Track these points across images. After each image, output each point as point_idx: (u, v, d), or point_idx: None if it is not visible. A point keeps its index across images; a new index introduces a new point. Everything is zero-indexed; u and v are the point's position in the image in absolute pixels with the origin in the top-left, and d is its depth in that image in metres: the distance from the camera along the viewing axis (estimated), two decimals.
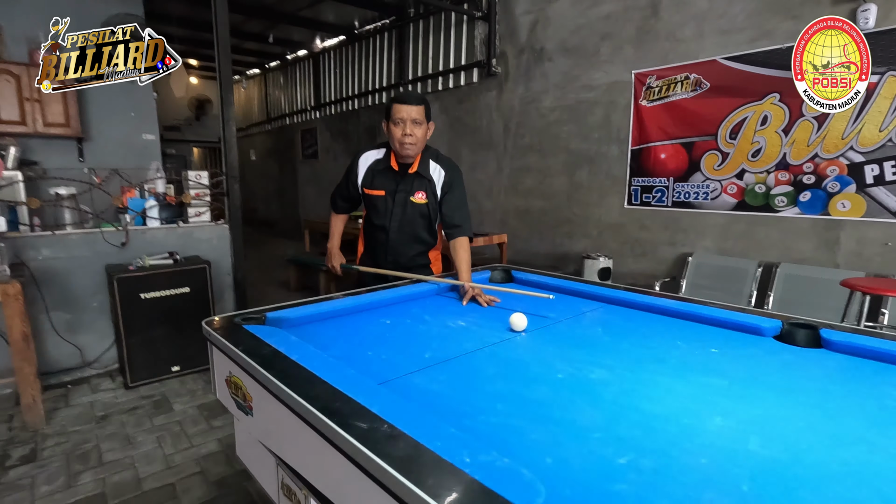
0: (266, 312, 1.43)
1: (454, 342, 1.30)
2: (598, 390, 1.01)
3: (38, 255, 2.87)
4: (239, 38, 7.58)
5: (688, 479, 0.71)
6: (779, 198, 3.13)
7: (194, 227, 3.43)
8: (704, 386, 1.03)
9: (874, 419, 0.89)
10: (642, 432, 0.84)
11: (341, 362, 1.05)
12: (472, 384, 1.04)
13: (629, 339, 1.34)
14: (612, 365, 1.14)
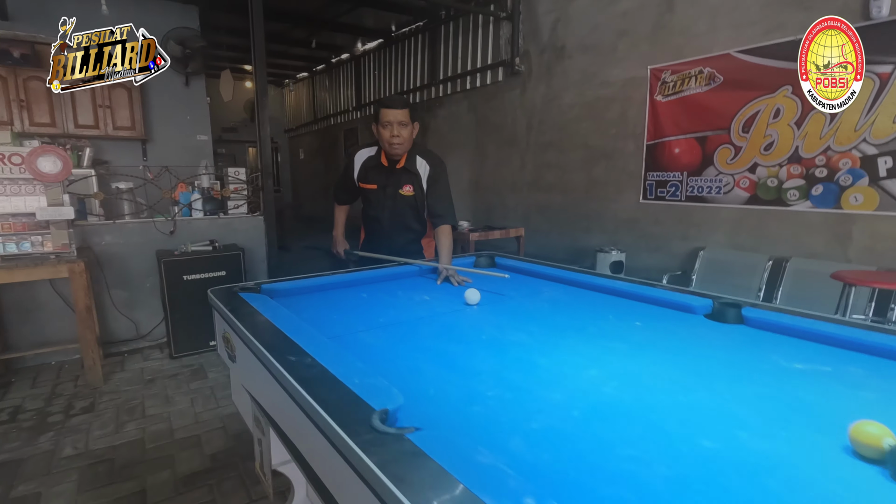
0: (262, 284, 1.69)
1: (410, 311, 1.51)
2: (508, 348, 1.18)
3: (102, 241, 3.33)
4: (286, 45, 8.07)
5: (532, 406, 0.89)
6: (791, 191, 3.09)
7: (233, 218, 3.82)
8: (605, 348, 1.18)
9: (734, 376, 1.02)
10: (521, 377, 1.02)
11: (305, 322, 1.28)
12: (404, 340, 1.24)
13: (567, 313, 1.50)
14: (534, 331, 1.30)
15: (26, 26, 4.74)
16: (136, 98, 5.08)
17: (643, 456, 0.72)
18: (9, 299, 3.08)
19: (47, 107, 4.72)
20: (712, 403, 0.90)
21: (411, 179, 2.19)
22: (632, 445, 0.75)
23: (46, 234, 2.80)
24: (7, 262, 2.67)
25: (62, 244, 2.82)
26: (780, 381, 0.99)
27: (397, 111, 2.05)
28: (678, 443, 0.76)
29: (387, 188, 2.21)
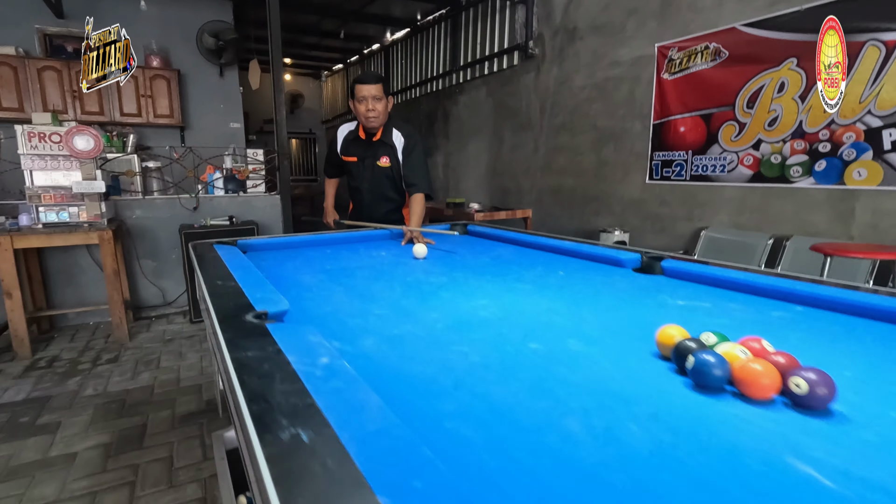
0: (238, 240, 1.88)
1: (359, 262, 1.65)
2: (420, 286, 1.30)
3: (133, 215, 3.67)
4: (319, 37, 8.38)
5: (405, 320, 1.01)
6: (794, 168, 3.00)
7: (252, 197, 4.10)
8: (510, 288, 1.27)
9: (608, 305, 1.10)
10: (414, 303, 1.13)
11: (256, 269, 1.44)
12: (337, 280, 1.39)
13: (502, 266, 1.59)
14: (457, 277, 1.41)
15: (79, 23, 5.21)
16: (175, 88, 5.47)
17: (468, 350, 0.83)
18: (53, 264, 3.47)
19: (97, 97, 5.18)
20: (564, 322, 0.99)
21: (387, 151, 2.32)
22: (465, 344, 0.86)
23: (81, 206, 3.14)
24: (48, 229, 3.02)
25: (94, 214, 3.15)
26: (647, 312, 1.06)
27: (371, 86, 2.19)
28: (506, 344, 0.87)
29: (365, 160, 2.36)
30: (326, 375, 0.63)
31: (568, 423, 0.59)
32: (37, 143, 2.99)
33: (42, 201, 3.05)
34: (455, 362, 0.78)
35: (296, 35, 8.18)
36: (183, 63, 5.59)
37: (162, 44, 5.49)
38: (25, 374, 2.74)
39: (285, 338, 0.77)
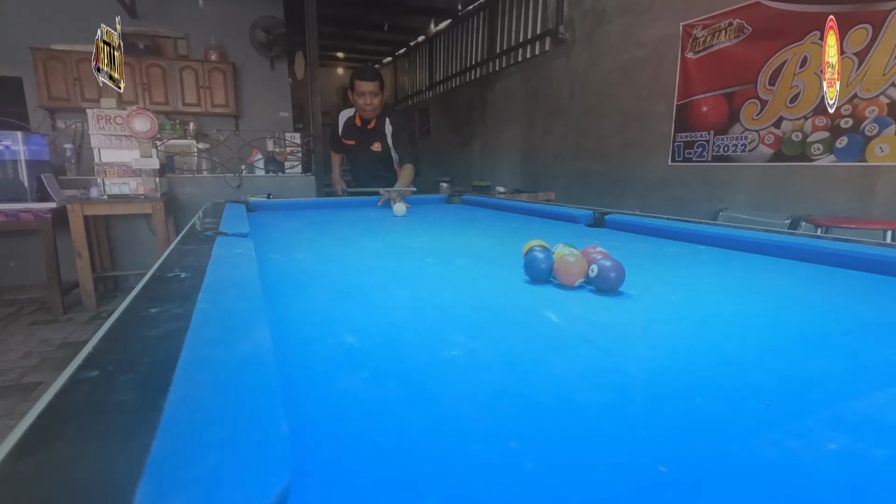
0: (250, 200, 2.15)
1: (343, 217, 1.86)
2: (378, 230, 1.49)
3: (185, 191, 4.11)
4: (366, 30, 8.72)
5: (349, 245, 1.19)
6: (815, 145, 2.90)
7: (289, 177, 4.44)
8: (456, 233, 1.43)
9: None
10: (363, 237, 1.32)
11: (245, 216, 1.68)
12: (315, 226, 1.60)
13: (466, 224, 1.74)
14: (416, 227, 1.58)
15: (150, 23, 5.82)
16: (230, 80, 5.97)
17: (383, 265, 1.01)
18: (117, 232, 3.96)
19: (163, 89, 5.76)
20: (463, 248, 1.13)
21: (379, 137, 2.60)
22: (383, 259, 1.04)
23: (139, 180, 3.58)
24: (111, 200, 3.48)
25: (150, 188, 3.58)
26: None
27: (369, 83, 2.46)
28: (409, 259, 1.03)
29: (361, 144, 2.64)
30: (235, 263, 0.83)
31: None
32: (104, 124, 3.45)
33: (108, 175, 3.51)
34: (367, 270, 0.96)
35: (346, 29, 8.57)
36: (237, 57, 6.08)
37: (219, 39, 5.99)
38: (90, 321, 3.20)
39: (223, 242, 0.98)
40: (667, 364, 0.49)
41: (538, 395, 0.42)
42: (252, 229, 1.38)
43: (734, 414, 0.38)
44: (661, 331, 0.59)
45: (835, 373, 0.46)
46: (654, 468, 0.29)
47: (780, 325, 0.61)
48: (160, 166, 3.70)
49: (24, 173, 3.23)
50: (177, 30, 5.92)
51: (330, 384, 0.44)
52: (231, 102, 6.04)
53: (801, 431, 0.33)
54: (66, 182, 3.79)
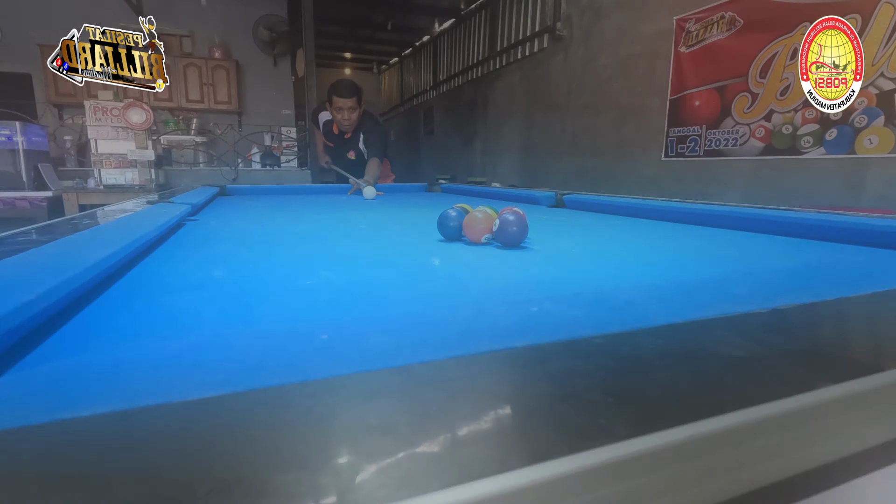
0: (227, 186, 2.18)
1: (312, 201, 1.88)
2: (336, 210, 1.50)
3: (181, 183, 4.17)
4: (373, 30, 8.79)
5: (301, 219, 1.21)
6: (805, 138, 2.86)
7: (285, 171, 4.49)
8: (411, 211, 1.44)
9: None
10: (314, 214, 1.33)
11: (209, 195, 1.71)
12: (279, 207, 1.61)
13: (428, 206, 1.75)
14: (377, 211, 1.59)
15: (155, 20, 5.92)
16: (233, 77, 6.06)
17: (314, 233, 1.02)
18: None
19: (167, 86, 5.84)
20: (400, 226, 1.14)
21: (353, 146, 2.70)
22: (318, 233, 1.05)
23: (135, 171, 3.64)
24: (107, 189, 3.55)
25: (145, 179, 3.65)
26: None
27: (347, 100, 2.52)
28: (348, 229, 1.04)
29: (338, 149, 2.74)
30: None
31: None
32: (101, 116, 3.52)
33: (104, 166, 3.58)
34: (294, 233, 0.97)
35: (351, 29, 8.65)
36: (241, 54, 6.17)
37: (223, 37, 6.09)
38: None
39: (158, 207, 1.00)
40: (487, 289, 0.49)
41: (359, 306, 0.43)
42: (214, 208, 1.40)
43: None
44: (518, 266, 0.60)
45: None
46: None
47: (620, 260, 0.62)
48: (157, 158, 3.76)
49: (21, 163, 3.31)
50: (181, 27, 6.02)
51: (164, 302, 0.45)
52: (234, 99, 6.13)
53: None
54: (65, 173, 3.88)
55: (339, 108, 2.51)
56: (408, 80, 10.59)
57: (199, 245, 0.77)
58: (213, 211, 1.27)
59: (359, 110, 2.55)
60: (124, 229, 0.64)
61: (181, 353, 0.32)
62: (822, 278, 0.59)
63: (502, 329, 0.35)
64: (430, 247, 0.77)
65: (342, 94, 2.50)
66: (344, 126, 2.56)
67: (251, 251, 0.75)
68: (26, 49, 5.32)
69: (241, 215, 1.23)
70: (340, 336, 0.35)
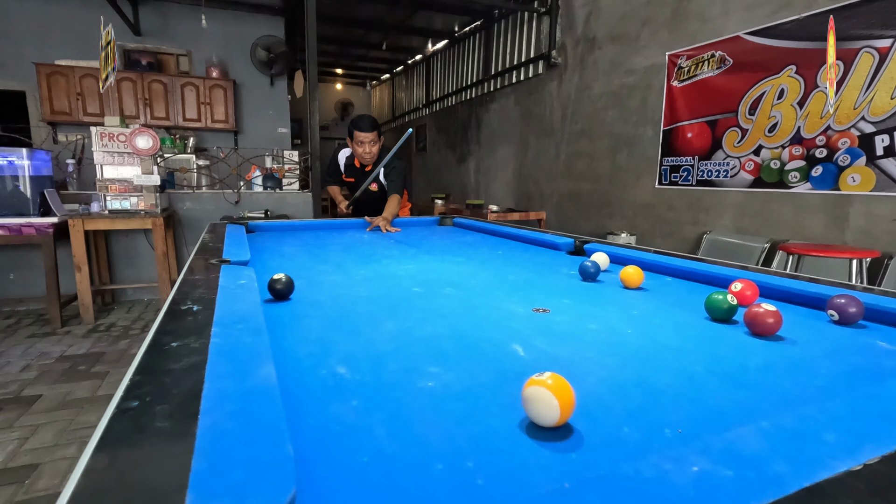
0: (249, 222, 2.25)
1: (337, 240, 1.95)
2: (371, 254, 1.58)
3: (184, 206, 4.20)
4: (365, 49, 8.91)
5: (340, 271, 1.29)
6: (792, 173, 3.03)
7: (287, 194, 4.54)
8: (443, 260, 1.53)
9: (501, 268, 1.33)
10: (355, 263, 1.41)
11: (245, 238, 1.77)
12: (309, 250, 1.69)
13: (454, 247, 1.84)
14: (408, 251, 1.68)
15: (153, 40, 5.95)
16: (230, 96, 6.09)
17: (367, 293, 1.10)
18: (117, 246, 4.04)
19: (164, 104, 5.87)
20: (447, 276, 1.23)
21: (375, 179, 2.76)
22: (368, 288, 1.13)
23: (140, 196, 3.66)
24: (112, 215, 3.56)
25: (150, 204, 3.67)
26: (532, 273, 1.28)
27: (367, 134, 2.64)
28: (396, 288, 1.13)
29: (360, 182, 2.78)
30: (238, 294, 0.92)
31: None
32: (107, 141, 3.54)
33: (109, 191, 3.59)
34: (357, 300, 1.05)
35: (346, 47, 8.76)
36: (238, 74, 6.21)
37: (221, 56, 6.13)
38: (88, 335, 3.26)
39: (228, 272, 1.07)
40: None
41: (493, 420, 0.51)
42: (252, 254, 1.47)
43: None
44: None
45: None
46: None
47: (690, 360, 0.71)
48: (160, 182, 3.79)
49: (27, 188, 3.31)
50: (179, 47, 6.06)
51: (324, 412, 0.53)
52: (231, 118, 6.15)
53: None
54: (67, 196, 3.87)
55: (360, 142, 2.63)
56: (399, 97, 10.73)
57: (286, 326, 0.85)
58: (260, 264, 1.34)
59: (379, 143, 2.67)
60: (247, 324, 0.71)
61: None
62: None
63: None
64: (517, 326, 0.86)
65: (363, 128, 2.62)
66: (365, 159, 2.67)
67: (340, 332, 0.83)
68: (22, 67, 5.30)
69: (285, 267, 1.31)
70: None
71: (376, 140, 2.65)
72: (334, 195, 3.04)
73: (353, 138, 2.64)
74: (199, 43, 6.10)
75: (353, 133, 2.64)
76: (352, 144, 2.68)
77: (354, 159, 2.80)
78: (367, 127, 2.62)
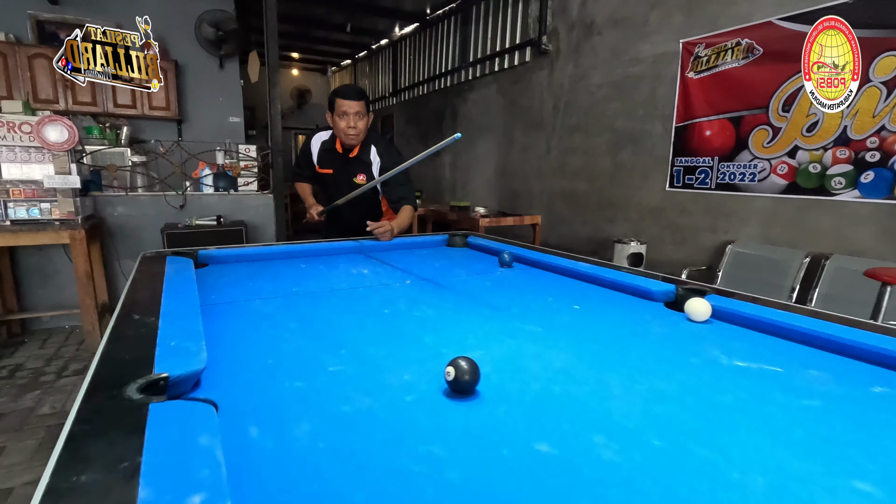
0: (199, 251, 1.63)
1: (332, 283, 1.38)
2: (404, 325, 1.03)
3: (115, 212, 3.44)
4: (328, 30, 8.13)
5: (378, 386, 0.74)
6: (836, 179, 2.69)
7: (243, 196, 3.85)
8: (513, 332, 1.00)
9: (644, 368, 0.82)
10: (390, 355, 0.87)
11: (195, 295, 1.15)
12: (298, 309, 1.12)
13: (503, 292, 1.32)
14: (448, 310, 1.14)
15: (74, 10, 5.02)
16: (172, 79, 5.25)
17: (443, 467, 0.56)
18: (28, 263, 3.25)
19: (90, 87, 4.96)
20: (585, 399, 0.71)
21: (364, 168, 2.17)
22: (442, 445, 0.59)
23: (54, 202, 2.91)
24: (16, 227, 2.79)
25: (68, 211, 2.92)
26: (693, 378, 0.78)
27: (353, 102, 2.01)
28: (504, 445, 0.59)
29: (341, 174, 2.20)
30: None
31: None
32: (5, 133, 2.77)
33: (11, 196, 2.82)
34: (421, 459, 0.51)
35: (304, 28, 7.95)
36: (181, 53, 5.37)
37: (159, 32, 5.26)
38: None
39: (162, 439, 0.50)
40: None
41: None
42: (206, 318, 0.90)
43: None
44: None
45: None
46: None
47: None
48: (82, 184, 3.04)
49: None
50: (107, 19, 5.15)
51: None
52: (173, 105, 5.33)
53: None
54: None
55: (343, 114, 2.00)
56: (363, 84, 9.99)
57: None
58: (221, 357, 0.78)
59: (367, 118, 2.06)
60: None
61: None
62: None
63: None
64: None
65: (347, 95, 2.00)
66: (350, 138, 2.05)
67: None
68: None
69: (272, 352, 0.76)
70: None
71: (364, 113, 2.03)
72: (304, 195, 2.40)
73: (335, 109, 2.02)
74: (131, 15, 5.19)
75: (335, 102, 2.01)
76: (332, 120, 2.06)
77: (335, 142, 2.15)
78: (353, 94, 2.01)
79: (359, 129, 2.03)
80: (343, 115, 2.00)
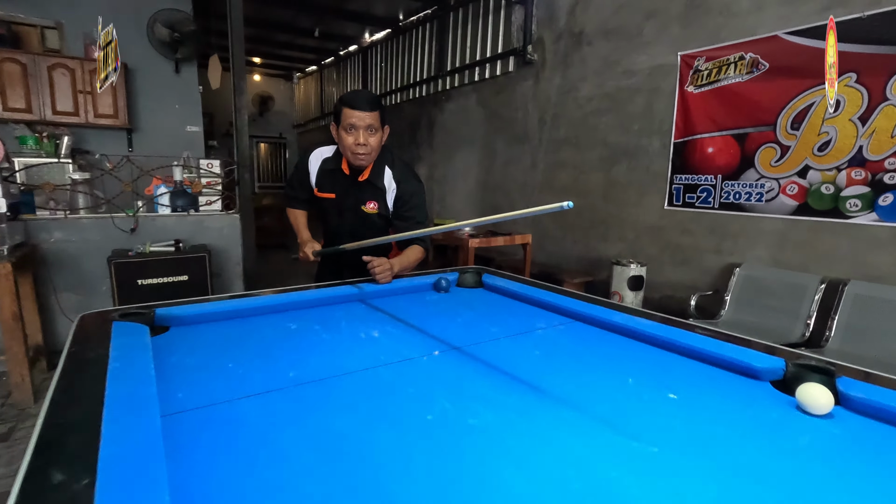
0: (156, 309, 1.27)
1: (339, 357, 1.06)
2: (449, 444, 0.73)
3: (51, 238, 2.96)
4: (293, 34, 7.72)
5: None
6: (851, 200, 2.57)
7: (205, 216, 3.43)
8: (605, 448, 0.71)
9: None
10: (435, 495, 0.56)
11: (152, 399, 0.80)
12: (298, 412, 0.80)
13: (564, 373, 1.03)
14: (509, 413, 0.85)
15: (12, 6, 4.46)
16: (120, 84, 4.73)
17: None
18: None
19: (23, 91, 4.40)
20: None
21: (376, 195, 1.75)
22: None
23: None
24: None
25: None
26: None
27: (364, 113, 1.57)
28: None
29: (346, 200, 1.78)
30: None
31: None
32: None
33: None
34: None
35: (266, 32, 7.49)
36: (131, 56, 4.85)
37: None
38: None
39: None
40: None
41: None
42: (169, 446, 0.58)
43: None
44: None
45: None
46: None
47: None
48: (10, 207, 2.58)
49: None
50: (44, 16, 4.61)
51: None
52: (122, 113, 4.80)
53: None
54: None
55: (350, 127, 1.57)
56: (330, 91, 9.59)
57: None
58: None
59: (381, 133, 1.65)
60: None
61: None
62: None
63: None
64: None
65: (357, 104, 1.56)
66: (359, 158, 1.62)
67: None
68: None
69: None
70: None
71: (378, 127, 1.61)
72: (296, 227, 1.96)
73: (341, 122, 1.60)
74: (73, 12, 4.67)
75: (341, 114, 1.59)
76: (337, 134, 1.65)
77: (341, 162, 1.74)
78: (365, 104, 1.56)
79: (370, 146, 1.61)
80: (351, 130, 1.58)
